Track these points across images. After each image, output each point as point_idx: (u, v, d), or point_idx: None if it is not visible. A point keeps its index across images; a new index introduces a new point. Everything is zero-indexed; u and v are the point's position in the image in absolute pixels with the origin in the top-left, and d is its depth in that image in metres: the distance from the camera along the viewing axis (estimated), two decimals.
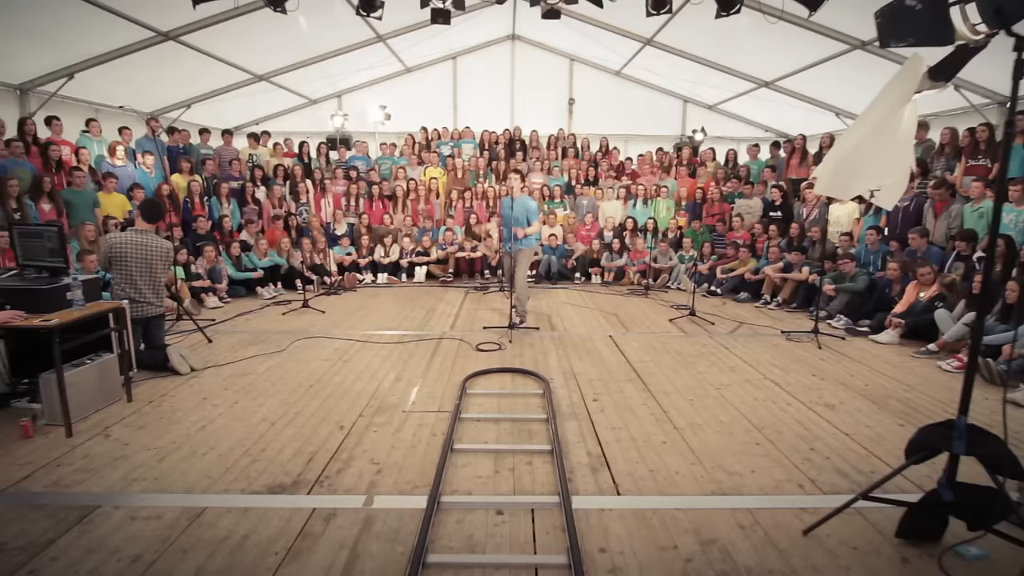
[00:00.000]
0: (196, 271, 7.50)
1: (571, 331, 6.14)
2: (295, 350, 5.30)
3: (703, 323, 6.47)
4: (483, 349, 5.32)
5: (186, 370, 4.64)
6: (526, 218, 6.10)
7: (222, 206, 8.84)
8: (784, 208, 8.84)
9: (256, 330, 6.08)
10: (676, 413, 3.84)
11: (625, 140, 13.64)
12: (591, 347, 5.47)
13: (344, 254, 9.34)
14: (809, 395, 4.24)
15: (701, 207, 9.90)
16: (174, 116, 11.35)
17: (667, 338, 5.84)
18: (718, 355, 5.24)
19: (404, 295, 8.20)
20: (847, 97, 10.85)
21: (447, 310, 7.15)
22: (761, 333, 6.14)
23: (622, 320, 6.68)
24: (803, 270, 7.38)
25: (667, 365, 4.91)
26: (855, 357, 5.28)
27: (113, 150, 8.02)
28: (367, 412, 3.83)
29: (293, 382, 4.42)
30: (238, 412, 3.85)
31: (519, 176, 5.99)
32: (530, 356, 5.16)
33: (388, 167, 11.07)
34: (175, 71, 10.07)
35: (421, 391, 4.24)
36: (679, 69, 12.62)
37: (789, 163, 9.55)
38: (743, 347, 5.52)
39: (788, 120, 13.39)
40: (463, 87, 14.39)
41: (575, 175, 10.94)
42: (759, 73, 11.42)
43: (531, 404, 4.01)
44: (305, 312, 6.91)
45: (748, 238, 8.85)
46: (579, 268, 9.51)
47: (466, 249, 9.52)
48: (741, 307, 7.57)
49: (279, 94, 13.16)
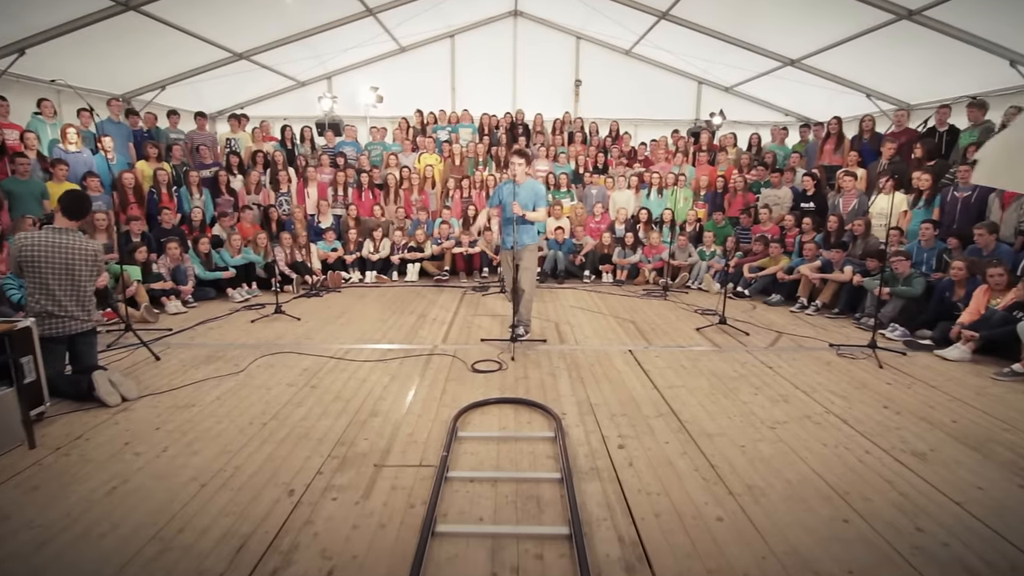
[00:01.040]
0: (158, 271, 6.63)
1: (583, 344, 5.27)
2: (256, 371, 4.44)
3: (736, 333, 5.60)
4: (480, 369, 4.46)
5: (115, 401, 3.78)
6: (532, 205, 5.20)
7: (192, 197, 7.95)
8: (817, 198, 7.92)
9: (216, 343, 5.22)
10: (727, 468, 2.97)
11: (635, 125, 12.68)
12: (608, 366, 4.60)
13: (329, 250, 8.46)
14: (888, 437, 3.37)
15: (722, 197, 8.98)
16: (147, 98, 10.48)
17: (697, 354, 4.96)
18: (762, 377, 4.37)
19: (393, 297, 7.32)
20: (882, 76, 9.88)
21: (440, 316, 6.28)
22: (806, 346, 5.26)
23: (641, 329, 5.81)
24: (845, 270, 6.49)
25: (703, 392, 4.04)
26: (925, 379, 4.40)
27: (65, 134, 7.11)
28: (328, 467, 2.97)
29: (244, 418, 3.56)
30: (163, 466, 2.99)
31: (523, 159, 5.07)
32: (536, 379, 4.29)
33: (379, 153, 10.16)
34: (145, 48, 9.14)
35: (401, 431, 3.38)
36: (694, 47, 11.65)
37: (822, 148, 8.60)
38: (789, 366, 4.65)
39: (810, 103, 12.43)
40: (462, 68, 13.41)
41: (583, 162, 10.03)
42: (784, 50, 10.44)
43: (539, 453, 3.14)
44: (277, 319, 6.04)
45: (777, 232, 7.95)
46: (588, 265, 8.62)
47: (463, 244, 8.63)
48: (774, 312, 6.68)
49: (264, 76, 12.23)
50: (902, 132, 7.90)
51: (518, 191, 4.94)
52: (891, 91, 10.15)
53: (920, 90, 9.46)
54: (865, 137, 8.38)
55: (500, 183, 5.36)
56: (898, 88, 9.98)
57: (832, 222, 7.17)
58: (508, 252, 5.22)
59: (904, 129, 7.91)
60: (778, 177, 8.33)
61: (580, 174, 9.94)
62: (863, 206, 7.38)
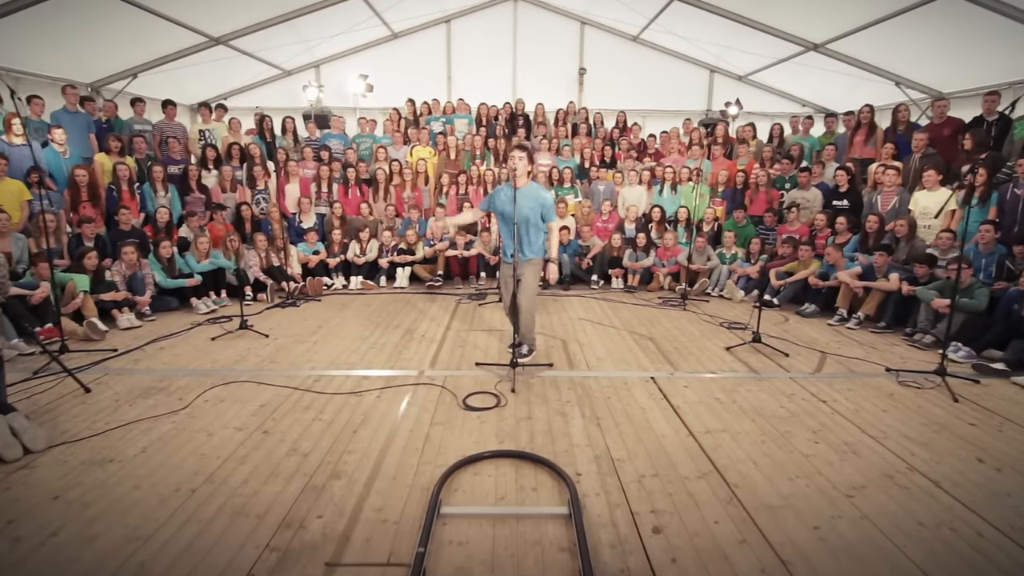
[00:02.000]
0: (111, 279, 5.85)
1: (596, 368, 4.49)
2: (201, 408, 3.66)
3: (773, 354, 4.81)
4: (473, 407, 3.67)
5: (14, 455, 3.00)
6: (539, 217, 4.42)
7: (157, 195, 7.15)
8: (851, 195, 7.12)
9: (163, 368, 4.43)
10: (805, 567, 2.20)
11: (642, 116, 11.87)
12: (629, 400, 3.82)
13: (311, 252, 7.67)
14: (999, 509, 2.59)
15: (742, 194, 8.17)
16: (117, 88, 9.68)
17: (733, 383, 4.17)
18: (817, 417, 3.59)
19: (379, 307, 6.53)
20: (913, 63, 9.09)
21: (430, 332, 5.49)
22: (858, 371, 4.48)
23: (662, 348, 5.02)
24: (891, 277, 5.70)
25: (750, 440, 3.26)
26: (1014, 418, 3.62)
27: (9, 125, 6.30)
28: (263, 567, 2.19)
29: (170, 482, 2.78)
30: (43, 561, 2.22)
31: (525, 155, 4.27)
32: (542, 419, 3.51)
33: (368, 147, 9.36)
34: (113, 32, 8.36)
35: (367, 505, 2.60)
36: (708, 31, 10.84)
37: (852, 140, 7.79)
38: (846, 399, 3.87)
39: (830, 92, 11.64)
40: (458, 55, 12.60)
41: (589, 156, 9.22)
42: (807, 34, 9.63)
43: (549, 541, 2.36)
44: (243, 336, 5.26)
45: (806, 232, 7.16)
46: (596, 269, 7.82)
47: (459, 246, 7.84)
48: (810, 325, 5.89)
49: (248, 64, 11.44)
50: (944, 123, 7.09)
51: (518, 197, 4.14)
52: (924, 79, 9.35)
53: (956, 77, 8.66)
54: (900, 128, 7.58)
55: (497, 188, 4.56)
56: (930, 75, 9.19)
57: (872, 222, 6.37)
58: (508, 265, 4.45)
59: (947, 119, 7.10)
60: (806, 176, 7.49)
61: (586, 168, 9.14)
62: (905, 204, 6.59)
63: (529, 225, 4.37)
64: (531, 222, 4.36)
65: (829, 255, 6.36)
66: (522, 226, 4.28)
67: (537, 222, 4.43)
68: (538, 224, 4.46)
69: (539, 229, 4.49)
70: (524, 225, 4.33)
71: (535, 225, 4.43)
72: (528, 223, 4.35)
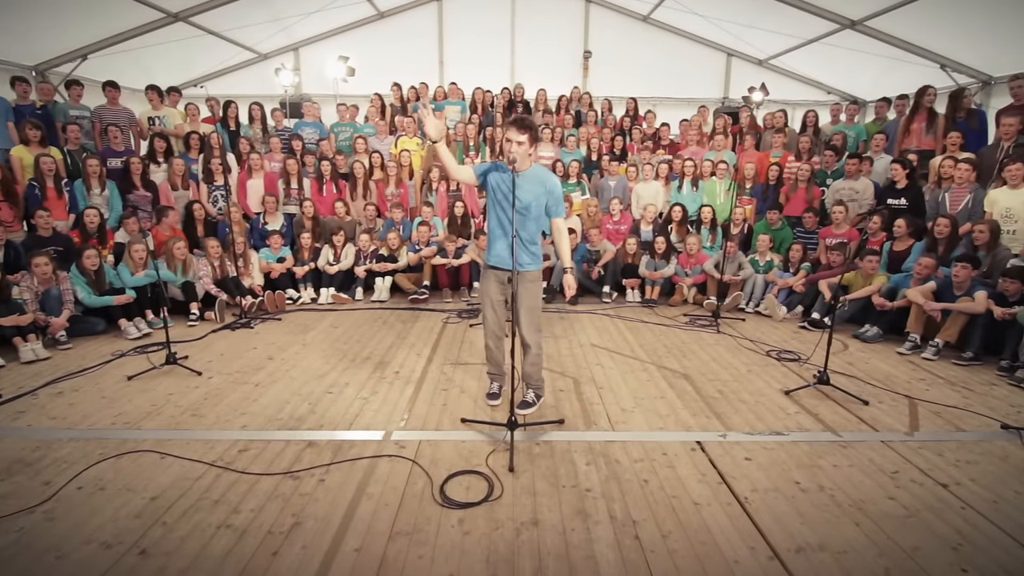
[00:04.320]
0: (18, 298, 4.76)
1: (622, 427, 3.39)
2: (70, 501, 2.57)
3: (847, 401, 3.73)
4: (454, 500, 2.59)
5: None
6: (543, 209, 3.36)
7: (90, 193, 6.04)
8: (910, 192, 6.03)
9: (45, 428, 3.33)
10: None
11: (653, 104, 10.73)
12: (675, 487, 2.72)
13: (275, 260, 6.56)
14: None
15: (775, 191, 7.07)
16: (64, 71, 8.54)
17: (809, 453, 3.07)
18: (945, 515, 2.50)
19: (350, 328, 5.42)
20: (963, 42, 8.02)
21: (407, 366, 4.40)
22: (964, 427, 3.40)
23: (702, 391, 3.93)
24: (977, 296, 4.61)
25: (865, 569, 2.18)
26: None
27: None
28: None
29: None
30: None
31: (526, 136, 3.17)
32: (552, 526, 2.43)
33: (348, 137, 8.22)
34: (59, 9, 7.28)
35: None
36: (726, 8, 9.76)
37: (908, 128, 6.69)
38: (971, 481, 2.78)
39: (859, 78, 10.58)
40: (451, 37, 11.48)
41: (596, 147, 8.11)
42: (842, 8, 8.54)
43: None
44: (169, 372, 4.16)
45: (855, 236, 6.07)
46: (608, 279, 6.71)
47: (448, 252, 6.73)
48: (876, 353, 4.79)
49: (217, 45, 10.34)
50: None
51: (518, 182, 3.06)
52: (971, 60, 8.28)
53: (1007, 61, 7.63)
54: (960, 115, 6.48)
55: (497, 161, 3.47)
56: (982, 61, 8.13)
57: (943, 225, 5.28)
58: (500, 272, 3.39)
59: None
60: (855, 164, 6.41)
61: (594, 161, 8.04)
62: (979, 204, 5.51)
63: (529, 219, 3.29)
64: (532, 215, 3.29)
65: (923, 271, 5.04)
66: (519, 220, 3.19)
67: (540, 215, 3.36)
68: (540, 218, 3.39)
69: (540, 225, 3.42)
70: (523, 219, 3.25)
71: (536, 219, 3.35)
72: (528, 215, 3.28)
